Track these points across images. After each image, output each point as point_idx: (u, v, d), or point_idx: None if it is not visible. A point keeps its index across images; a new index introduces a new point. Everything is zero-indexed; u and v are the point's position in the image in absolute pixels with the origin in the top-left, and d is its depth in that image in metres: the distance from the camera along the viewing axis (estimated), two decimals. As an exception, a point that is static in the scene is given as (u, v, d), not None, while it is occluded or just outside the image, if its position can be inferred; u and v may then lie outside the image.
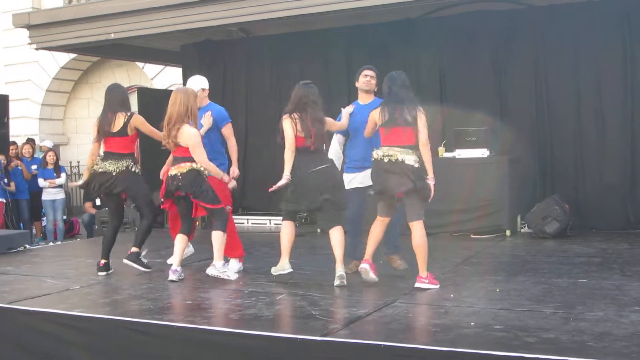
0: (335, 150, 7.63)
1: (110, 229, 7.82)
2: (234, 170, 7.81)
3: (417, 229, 6.45)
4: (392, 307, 5.87)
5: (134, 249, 7.65)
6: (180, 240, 7.30)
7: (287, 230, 7.04)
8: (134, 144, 7.76)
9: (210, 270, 7.18)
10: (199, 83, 7.86)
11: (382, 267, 7.34)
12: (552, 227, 9.49)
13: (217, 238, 7.17)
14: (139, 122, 7.61)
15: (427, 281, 6.45)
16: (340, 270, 6.68)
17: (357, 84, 7.55)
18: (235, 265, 7.80)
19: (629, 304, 5.70)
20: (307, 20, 10.39)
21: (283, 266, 6.97)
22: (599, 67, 10.24)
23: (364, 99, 7.51)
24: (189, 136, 7.11)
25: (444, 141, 10.39)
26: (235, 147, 7.94)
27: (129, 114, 7.58)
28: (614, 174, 10.14)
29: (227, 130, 7.83)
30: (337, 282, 6.63)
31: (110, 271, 7.68)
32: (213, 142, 7.69)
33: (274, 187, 6.75)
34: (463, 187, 9.74)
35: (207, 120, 7.55)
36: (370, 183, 6.93)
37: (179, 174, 7.11)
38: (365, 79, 7.46)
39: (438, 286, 6.45)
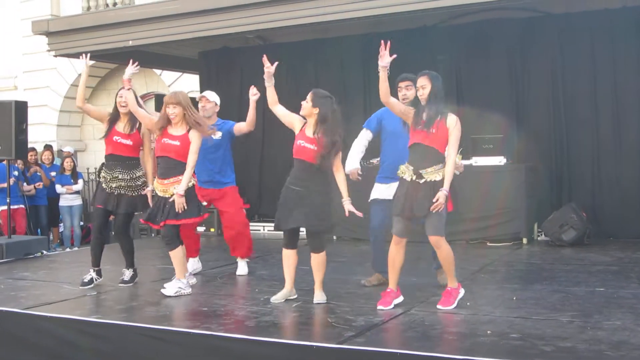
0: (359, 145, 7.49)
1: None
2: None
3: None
4: (408, 315, 5.87)
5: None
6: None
7: None
8: None
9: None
10: (216, 97, 8.16)
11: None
12: (569, 235, 9.45)
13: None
14: None
15: (456, 293, 6.17)
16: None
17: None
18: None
19: (646, 313, 5.68)
20: (324, 27, 10.40)
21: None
22: (616, 74, 10.19)
23: None
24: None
25: (460, 149, 10.33)
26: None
27: None
28: (632, 182, 10.08)
29: (239, 126, 8.08)
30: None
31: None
32: (227, 152, 8.03)
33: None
34: (479, 194, 9.71)
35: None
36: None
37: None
38: (400, 93, 7.09)
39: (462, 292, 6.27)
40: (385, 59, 6.30)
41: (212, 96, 8.11)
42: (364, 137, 7.48)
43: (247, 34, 11.31)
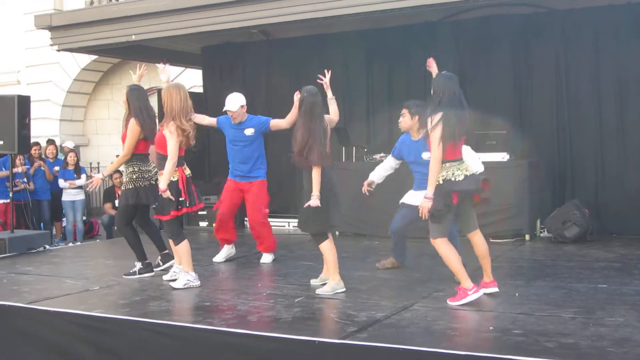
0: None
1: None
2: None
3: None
4: (410, 310, 5.87)
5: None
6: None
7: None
8: None
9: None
10: (240, 101, 8.19)
11: (400, 271, 7.35)
12: (572, 232, 9.45)
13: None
14: None
15: (463, 294, 6.13)
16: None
17: None
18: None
19: (649, 310, 5.67)
20: (327, 23, 10.39)
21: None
22: (620, 70, 10.17)
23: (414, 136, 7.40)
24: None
25: (463, 145, 10.34)
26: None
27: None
28: (635, 179, 10.06)
29: (275, 122, 8.23)
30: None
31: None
32: (259, 147, 8.32)
33: None
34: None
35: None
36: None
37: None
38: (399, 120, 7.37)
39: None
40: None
41: (234, 105, 8.18)
42: (388, 162, 7.69)
43: (250, 29, 11.32)
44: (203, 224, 12.00)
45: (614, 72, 10.21)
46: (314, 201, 6.44)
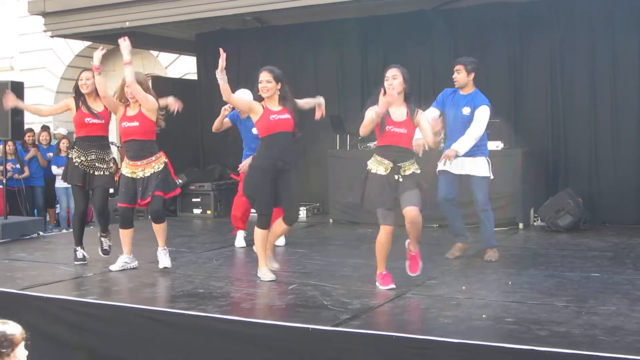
0: None
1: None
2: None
3: None
4: (403, 298, 5.88)
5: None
6: None
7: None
8: None
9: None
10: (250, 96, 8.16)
11: (392, 259, 7.35)
12: (565, 221, 9.47)
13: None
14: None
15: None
16: None
17: None
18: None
19: (641, 299, 5.70)
20: (322, 10, 10.36)
21: None
22: (615, 61, 10.17)
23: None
24: None
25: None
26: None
27: None
28: (628, 169, 10.09)
29: None
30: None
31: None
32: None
33: None
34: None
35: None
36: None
37: None
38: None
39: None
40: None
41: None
42: (430, 112, 7.53)
43: (245, 16, 11.28)
44: (197, 211, 12.00)
45: (608, 62, 10.22)
46: None
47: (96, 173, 7.54)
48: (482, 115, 7.35)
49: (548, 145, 10.61)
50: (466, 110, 7.38)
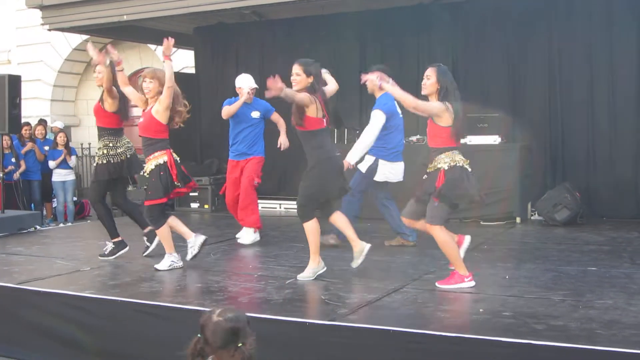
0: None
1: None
2: (285, 140, 8.66)
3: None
4: (401, 292, 5.88)
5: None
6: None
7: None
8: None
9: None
10: (250, 82, 8.55)
11: (390, 253, 7.37)
12: (563, 215, 9.47)
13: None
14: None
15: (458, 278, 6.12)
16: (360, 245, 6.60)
17: None
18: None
19: (638, 292, 5.70)
20: (320, 4, 10.35)
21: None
22: (613, 56, 10.16)
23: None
24: None
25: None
26: (284, 123, 8.62)
27: None
28: (626, 163, 10.09)
29: (276, 116, 8.70)
30: (360, 260, 6.57)
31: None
32: (261, 129, 8.71)
33: None
34: (474, 173, 9.68)
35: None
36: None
37: None
38: None
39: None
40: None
41: (253, 82, 8.62)
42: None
43: (243, 10, 11.25)
44: (194, 205, 11.99)
45: (606, 57, 10.21)
46: None
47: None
48: (372, 120, 7.79)
49: (546, 140, 10.61)
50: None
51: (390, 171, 7.95)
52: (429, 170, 6.10)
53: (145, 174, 7.03)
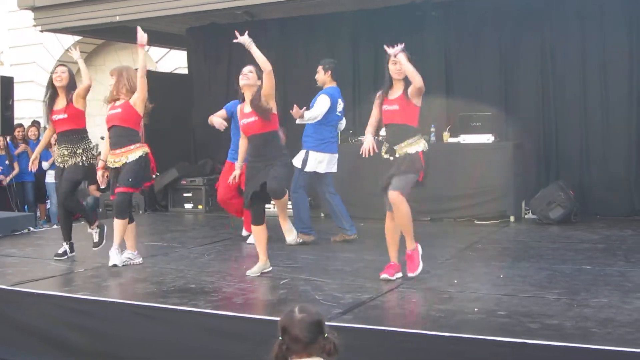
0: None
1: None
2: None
3: None
4: (395, 292, 5.88)
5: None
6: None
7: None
8: None
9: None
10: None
11: (384, 253, 7.35)
12: (557, 213, 9.48)
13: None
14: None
15: (417, 254, 6.33)
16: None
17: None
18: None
19: (632, 290, 5.70)
20: (313, 4, 10.34)
21: None
22: (606, 54, 10.19)
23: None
24: None
25: (448, 126, 10.38)
26: None
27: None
28: (619, 161, 10.12)
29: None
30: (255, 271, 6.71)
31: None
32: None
33: None
34: (467, 172, 9.73)
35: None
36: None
37: None
38: None
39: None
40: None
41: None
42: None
43: (236, 10, 11.23)
44: (188, 205, 11.97)
45: (599, 55, 10.23)
46: None
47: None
48: (318, 101, 8.27)
49: (539, 138, 10.62)
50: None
51: (320, 160, 8.24)
52: (398, 154, 6.15)
53: (123, 163, 7.07)
